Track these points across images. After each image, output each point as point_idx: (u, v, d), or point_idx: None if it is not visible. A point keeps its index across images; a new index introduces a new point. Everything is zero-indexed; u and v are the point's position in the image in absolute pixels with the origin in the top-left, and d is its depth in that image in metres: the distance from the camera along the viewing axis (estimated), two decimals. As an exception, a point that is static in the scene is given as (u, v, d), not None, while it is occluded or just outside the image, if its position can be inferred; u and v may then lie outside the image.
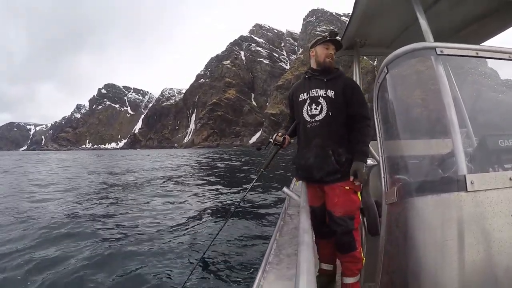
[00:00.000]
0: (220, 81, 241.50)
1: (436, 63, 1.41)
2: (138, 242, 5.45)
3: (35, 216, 7.44)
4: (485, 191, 1.20)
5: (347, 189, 2.16)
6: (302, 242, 1.24)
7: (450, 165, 1.39)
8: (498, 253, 1.16)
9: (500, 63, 1.47)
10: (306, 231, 1.37)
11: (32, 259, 4.61)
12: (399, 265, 1.51)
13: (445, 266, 1.19)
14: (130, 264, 4.49)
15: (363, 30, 2.71)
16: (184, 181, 15.03)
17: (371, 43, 2.99)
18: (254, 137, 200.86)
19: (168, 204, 8.96)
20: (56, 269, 4.30)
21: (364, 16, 2.46)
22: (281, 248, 2.18)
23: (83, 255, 4.79)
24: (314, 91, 2.33)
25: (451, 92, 1.36)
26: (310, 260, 1.09)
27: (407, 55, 1.54)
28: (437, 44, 1.44)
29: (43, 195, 10.79)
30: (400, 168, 1.77)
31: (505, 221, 1.18)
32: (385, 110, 1.81)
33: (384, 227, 1.70)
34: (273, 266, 1.88)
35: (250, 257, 4.77)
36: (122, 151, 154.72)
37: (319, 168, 2.22)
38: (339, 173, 2.17)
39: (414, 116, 1.78)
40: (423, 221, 1.33)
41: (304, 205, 1.88)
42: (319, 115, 2.27)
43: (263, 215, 7.17)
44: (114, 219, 7.14)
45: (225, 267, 4.40)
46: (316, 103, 2.29)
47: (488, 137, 1.41)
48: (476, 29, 2.56)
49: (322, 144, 2.24)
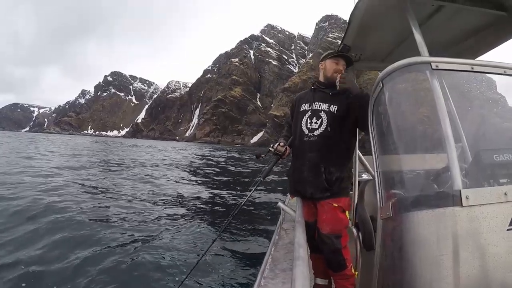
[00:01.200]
0: (227, 78, 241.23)
1: (431, 78, 1.42)
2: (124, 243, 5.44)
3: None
4: (480, 206, 1.20)
5: (335, 206, 2.17)
6: (297, 257, 1.25)
7: (445, 180, 1.39)
8: (494, 268, 1.16)
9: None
10: (302, 246, 1.39)
11: (33, 255, 4.60)
12: (394, 279, 1.51)
13: (440, 281, 1.19)
14: (119, 262, 4.51)
15: (359, 44, 2.71)
16: (181, 180, 14.93)
17: (366, 57, 2.99)
18: (256, 137, 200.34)
19: (167, 206, 8.85)
20: (53, 263, 4.32)
21: (359, 30, 2.46)
22: (276, 262, 2.19)
23: (80, 252, 4.78)
24: (317, 104, 2.32)
25: (446, 107, 1.36)
26: (305, 275, 1.10)
27: (402, 69, 1.54)
28: (432, 59, 1.44)
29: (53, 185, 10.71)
30: (395, 182, 1.77)
31: (501, 236, 1.17)
32: (380, 125, 1.82)
33: (379, 242, 1.70)
34: (268, 281, 1.88)
35: (246, 271, 4.75)
36: (125, 140, 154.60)
37: (310, 183, 2.23)
38: (328, 192, 2.18)
39: (409, 131, 1.78)
40: (418, 235, 1.33)
41: (299, 219, 1.89)
42: (318, 129, 2.26)
43: (258, 228, 7.11)
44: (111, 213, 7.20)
45: (219, 280, 4.37)
46: (317, 116, 2.29)
47: (483, 152, 1.42)
48: (472, 43, 2.57)
49: (316, 160, 2.23)
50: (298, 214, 2.01)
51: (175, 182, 13.50)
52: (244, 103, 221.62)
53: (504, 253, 1.17)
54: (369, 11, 2.19)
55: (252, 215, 8.18)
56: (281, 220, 3.21)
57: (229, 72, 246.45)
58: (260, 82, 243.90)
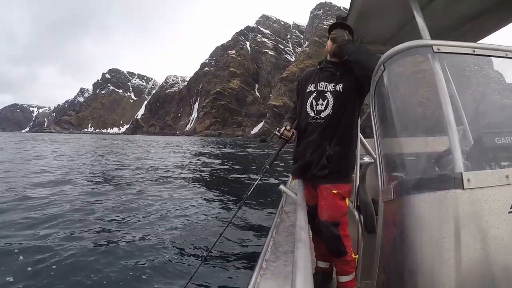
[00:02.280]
0: (224, 71, 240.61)
1: (432, 61, 1.40)
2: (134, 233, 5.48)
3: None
4: (481, 189, 1.19)
5: (334, 193, 2.13)
6: (298, 240, 1.25)
7: (447, 163, 1.38)
8: (495, 250, 1.16)
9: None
10: (303, 229, 1.38)
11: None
12: (395, 262, 1.50)
13: (442, 264, 1.19)
14: (120, 258, 4.46)
15: (360, 28, 2.67)
16: (188, 173, 14.86)
17: (368, 41, 2.93)
18: (256, 127, 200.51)
19: (176, 195, 8.94)
20: (53, 259, 4.30)
21: (361, 14, 2.43)
22: (278, 245, 2.18)
23: (77, 249, 4.72)
24: (322, 85, 2.25)
25: (448, 90, 1.35)
26: (307, 257, 1.09)
27: (403, 52, 1.52)
28: (434, 42, 1.42)
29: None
30: (397, 165, 1.75)
31: (502, 219, 1.17)
32: (381, 108, 1.80)
33: (381, 225, 1.70)
34: (270, 264, 1.88)
35: (247, 254, 4.77)
36: (125, 136, 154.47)
37: (313, 165, 2.19)
38: (326, 169, 2.13)
39: (411, 114, 1.77)
40: (419, 218, 1.32)
41: (300, 202, 1.88)
42: (324, 111, 2.20)
43: (260, 212, 7.13)
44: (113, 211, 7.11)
45: (221, 264, 4.39)
46: (323, 97, 2.22)
47: (484, 135, 1.41)
48: (474, 26, 2.52)
49: (321, 141, 2.18)
50: (299, 197, 2.00)
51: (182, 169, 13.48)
52: (242, 94, 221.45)
53: (506, 235, 1.17)
54: None
55: (253, 199, 8.14)
56: (282, 203, 3.19)
57: (227, 64, 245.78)
58: (258, 73, 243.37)
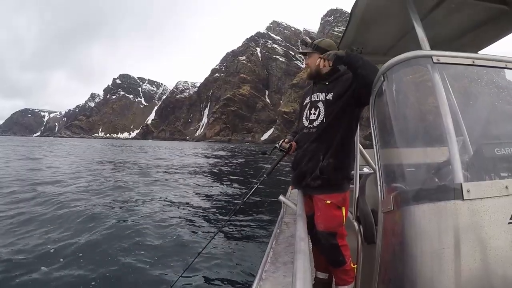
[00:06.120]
0: (235, 77, 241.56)
1: (432, 71, 1.41)
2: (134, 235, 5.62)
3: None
4: (481, 200, 1.19)
5: (328, 203, 2.14)
6: (298, 250, 1.25)
7: (447, 174, 1.38)
8: (495, 261, 1.16)
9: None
10: (303, 239, 1.39)
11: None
12: (395, 273, 1.50)
13: (442, 275, 1.19)
14: (119, 258, 4.61)
15: (360, 38, 2.68)
16: (188, 177, 15.11)
17: (368, 51, 2.94)
18: (266, 134, 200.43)
19: (168, 200, 9.16)
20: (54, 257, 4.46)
21: (361, 24, 2.44)
22: (278, 256, 2.18)
23: (75, 249, 4.91)
24: (315, 96, 2.31)
25: (447, 101, 1.35)
26: (307, 268, 1.10)
27: (403, 63, 1.53)
28: (434, 53, 1.44)
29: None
30: (397, 176, 1.76)
31: (502, 229, 1.17)
32: (381, 118, 1.81)
33: (381, 236, 1.69)
34: (270, 274, 1.88)
35: (247, 264, 4.77)
36: (136, 141, 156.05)
37: (309, 174, 2.20)
38: (319, 180, 2.14)
39: (411, 124, 1.77)
40: (419, 229, 1.32)
41: (300, 213, 1.88)
42: (316, 120, 2.24)
43: (260, 222, 7.13)
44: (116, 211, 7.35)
45: (221, 275, 4.39)
46: (315, 107, 2.27)
47: (484, 146, 1.42)
48: (473, 37, 2.54)
49: (315, 150, 2.20)
50: (299, 208, 2.00)
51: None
52: (253, 100, 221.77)
53: (505, 246, 1.16)
54: (371, 5, 2.17)
55: (254, 210, 8.19)
56: (282, 214, 3.20)
57: (237, 70, 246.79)
58: (268, 79, 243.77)
